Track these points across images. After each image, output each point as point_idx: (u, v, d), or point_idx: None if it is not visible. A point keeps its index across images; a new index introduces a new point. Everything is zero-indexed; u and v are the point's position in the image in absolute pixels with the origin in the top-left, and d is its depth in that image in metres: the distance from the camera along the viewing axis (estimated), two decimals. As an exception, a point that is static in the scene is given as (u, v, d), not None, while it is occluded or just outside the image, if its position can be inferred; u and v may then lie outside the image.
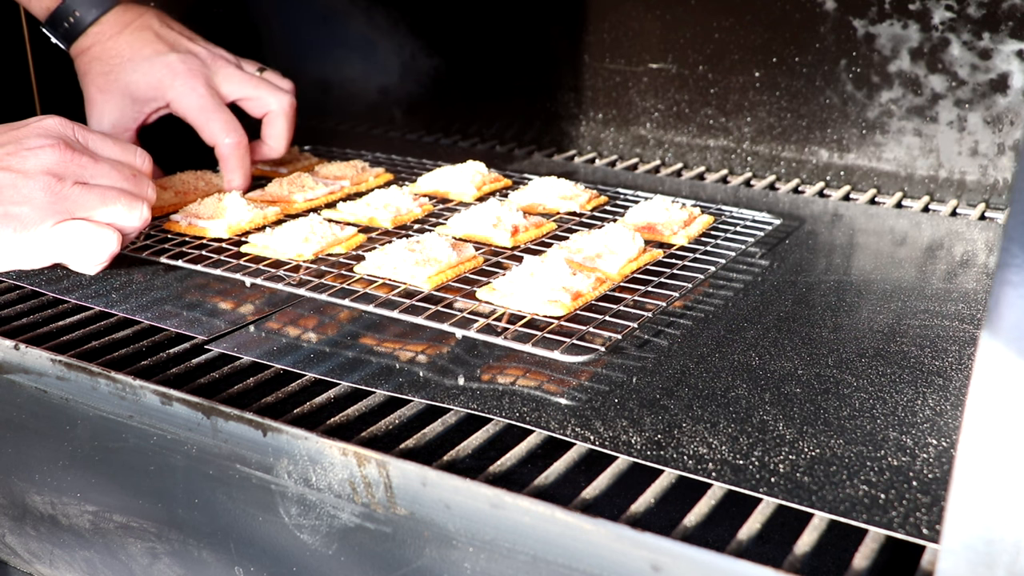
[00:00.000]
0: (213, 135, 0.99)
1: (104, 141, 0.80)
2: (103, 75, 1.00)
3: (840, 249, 0.96)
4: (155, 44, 1.00)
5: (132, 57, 0.99)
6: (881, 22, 1.09)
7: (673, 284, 0.81)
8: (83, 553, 0.71)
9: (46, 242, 0.75)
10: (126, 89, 1.00)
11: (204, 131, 0.99)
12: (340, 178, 1.05)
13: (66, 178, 0.75)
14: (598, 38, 1.26)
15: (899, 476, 0.55)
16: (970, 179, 1.10)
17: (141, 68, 0.99)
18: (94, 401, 0.66)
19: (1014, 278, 0.38)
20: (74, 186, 0.75)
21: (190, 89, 0.98)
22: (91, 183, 0.76)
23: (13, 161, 0.74)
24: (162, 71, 0.99)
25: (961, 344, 0.73)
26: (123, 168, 0.79)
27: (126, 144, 0.82)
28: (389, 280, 0.80)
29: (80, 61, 1.02)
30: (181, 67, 0.99)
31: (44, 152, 0.75)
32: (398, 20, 1.38)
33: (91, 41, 1.00)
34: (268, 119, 1.03)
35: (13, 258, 0.76)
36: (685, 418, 0.61)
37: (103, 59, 1.00)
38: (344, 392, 0.67)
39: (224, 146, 0.99)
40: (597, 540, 0.50)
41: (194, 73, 0.99)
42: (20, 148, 0.74)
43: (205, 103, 0.98)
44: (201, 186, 1.01)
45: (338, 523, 0.58)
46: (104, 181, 0.77)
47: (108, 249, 0.77)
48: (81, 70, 1.02)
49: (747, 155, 1.21)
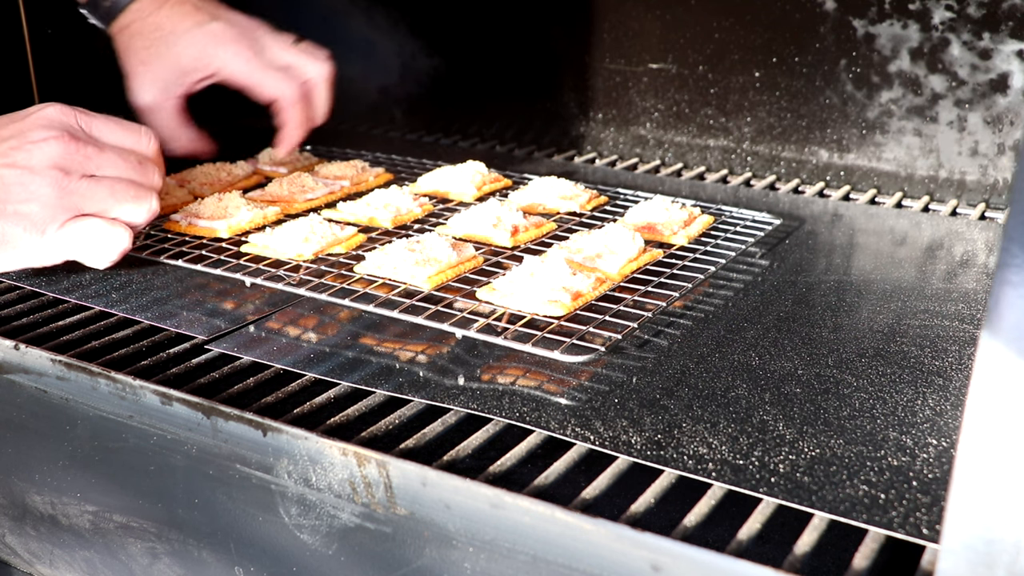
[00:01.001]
0: (272, 90, 1.00)
1: (107, 124, 0.78)
2: (145, 49, 1.01)
3: (840, 249, 0.96)
4: (195, 15, 1.01)
5: (174, 29, 1.00)
6: (881, 22, 1.09)
7: (673, 284, 0.81)
8: (83, 553, 0.71)
9: (57, 240, 0.75)
10: (170, 60, 1.00)
11: (260, 89, 1.00)
12: (340, 178, 1.05)
13: (73, 172, 0.74)
14: (598, 38, 1.26)
15: (899, 476, 0.55)
16: (970, 179, 1.10)
17: (184, 38, 1.00)
18: (94, 401, 0.66)
19: (1014, 278, 0.38)
20: (82, 180, 0.74)
21: (236, 53, 1.00)
22: (98, 175, 0.75)
23: (18, 156, 0.73)
24: (206, 39, 1.00)
25: (961, 344, 0.73)
26: (129, 156, 0.78)
27: (131, 125, 0.80)
28: (389, 280, 0.80)
29: (120, 38, 1.02)
30: (225, 34, 1.00)
31: (49, 145, 0.73)
32: (398, 20, 1.38)
33: (132, 17, 1.01)
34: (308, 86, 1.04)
35: (24, 257, 0.75)
36: (685, 418, 0.61)
37: (144, 33, 1.01)
38: (344, 392, 0.67)
39: (286, 98, 1.00)
40: (597, 540, 0.50)
41: (238, 39, 1.01)
42: (24, 141, 0.73)
43: (254, 64, 1.00)
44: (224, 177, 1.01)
45: (338, 523, 0.58)
46: (110, 172, 0.76)
47: (120, 246, 0.77)
48: (122, 46, 1.02)
49: (747, 155, 1.21)
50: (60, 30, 1.16)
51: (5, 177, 0.73)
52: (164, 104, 1.03)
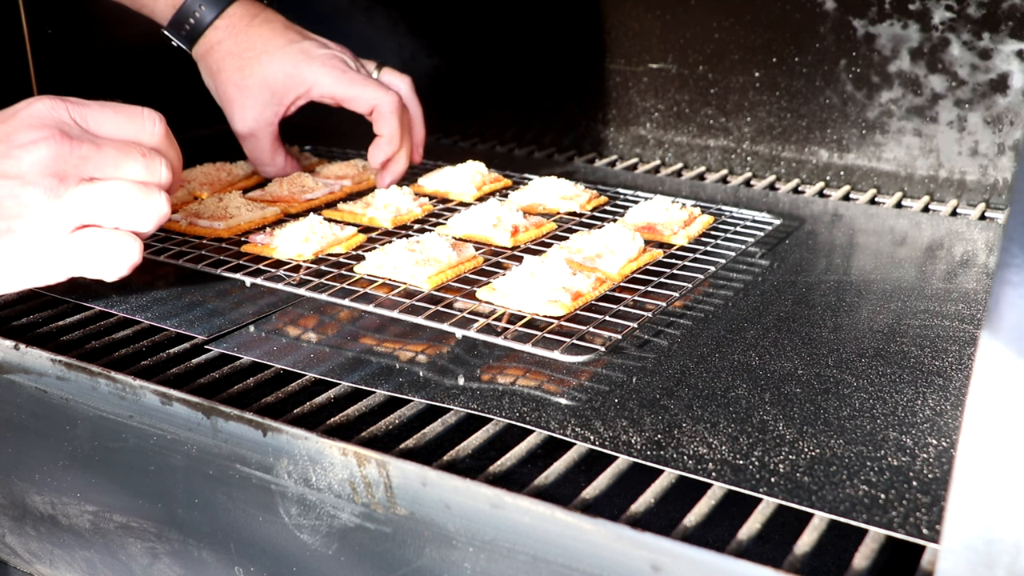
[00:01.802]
0: (370, 98, 0.98)
1: (104, 113, 0.69)
2: (238, 71, 0.99)
3: (840, 249, 0.96)
4: (287, 33, 1.00)
5: (266, 48, 0.98)
6: (881, 22, 1.09)
7: (673, 284, 0.81)
8: (83, 553, 0.71)
9: (59, 258, 0.67)
10: (264, 82, 0.98)
11: (359, 99, 0.99)
12: (342, 177, 1.05)
13: (69, 177, 0.66)
14: (598, 38, 1.26)
15: (899, 476, 0.55)
16: (970, 179, 1.10)
17: (277, 57, 0.98)
18: (94, 401, 0.66)
19: (1014, 278, 0.38)
20: (80, 185, 0.66)
21: (331, 68, 0.98)
22: (97, 177, 0.67)
23: (6, 165, 0.64)
24: (298, 56, 0.98)
25: (961, 344, 0.73)
26: (131, 150, 0.69)
27: (131, 109, 0.71)
28: (389, 280, 0.80)
29: (209, 59, 1.00)
30: (317, 52, 0.99)
31: (39, 148, 0.65)
32: (398, 20, 1.38)
33: (220, 36, 0.99)
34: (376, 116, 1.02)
35: (25, 276, 0.68)
36: (685, 418, 0.61)
37: (236, 53, 0.98)
38: (344, 392, 0.67)
39: (384, 105, 0.98)
40: (597, 540, 0.50)
41: (329, 57, 0.99)
42: (11, 147, 0.65)
43: (348, 76, 0.98)
44: (224, 177, 1.01)
45: (338, 523, 0.58)
46: (111, 172, 0.68)
47: (130, 259, 0.69)
48: (213, 68, 1.00)
49: (747, 155, 1.21)
50: (60, 30, 1.16)
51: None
52: (263, 132, 1.01)
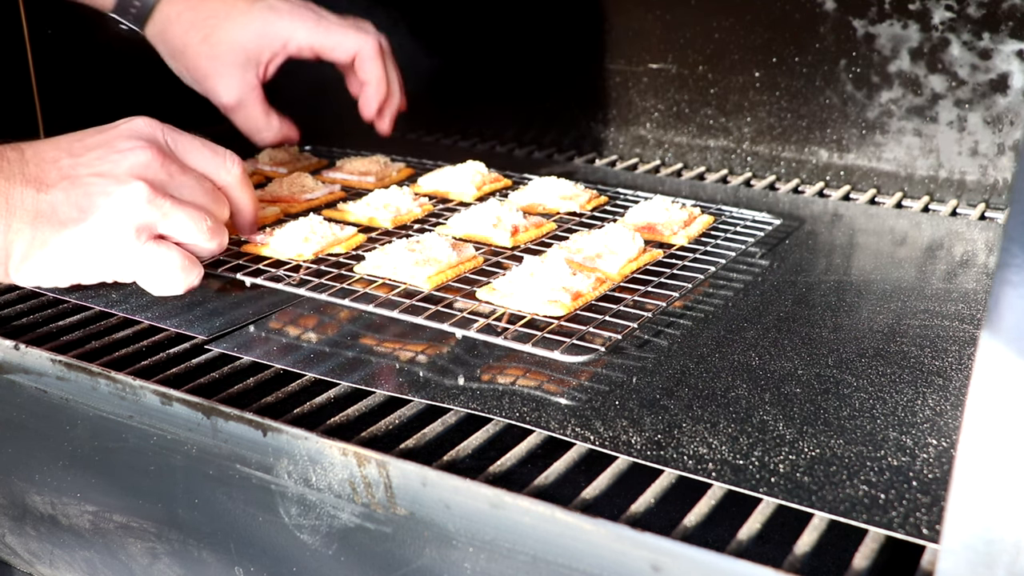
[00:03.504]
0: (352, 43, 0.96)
1: (193, 144, 0.75)
2: (204, 41, 0.95)
3: (840, 249, 0.96)
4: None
5: (229, 13, 0.95)
6: (881, 22, 1.09)
7: (673, 284, 0.81)
8: (83, 553, 0.71)
9: (136, 259, 0.71)
10: (235, 46, 0.95)
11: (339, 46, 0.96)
12: (365, 174, 1.05)
13: (157, 186, 0.70)
14: (598, 38, 1.26)
15: (899, 476, 0.55)
16: (970, 179, 1.10)
17: (242, 19, 0.95)
18: (94, 401, 0.66)
19: (1014, 278, 0.38)
20: (166, 198, 0.70)
21: (303, 19, 0.96)
22: (177, 196, 0.72)
23: (106, 166, 0.70)
24: (266, 13, 0.95)
25: (961, 344, 0.73)
26: (205, 183, 0.74)
27: (216, 149, 0.76)
28: (389, 280, 0.80)
29: (169, 37, 0.97)
30: (283, 5, 0.96)
31: (135, 154, 0.70)
32: (398, 20, 1.38)
33: (177, 9, 0.95)
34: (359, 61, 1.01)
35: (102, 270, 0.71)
36: (685, 418, 0.61)
37: (197, 24, 0.95)
38: (344, 392, 0.67)
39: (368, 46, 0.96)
40: (597, 540, 0.50)
41: (298, 6, 0.96)
42: (110, 151, 0.70)
43: (322, 25, 0.96)
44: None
45: (338, 523, 0.58)
46: (187, 195, 0.73)
47: (191, 280, 0.73)
48: (177, 46, 0.97)
49: (747, 155, 1.21)
50: (60, 30, 1.16)
51: (90, 185, 0.69)
52: (249, 97, 0.99)
